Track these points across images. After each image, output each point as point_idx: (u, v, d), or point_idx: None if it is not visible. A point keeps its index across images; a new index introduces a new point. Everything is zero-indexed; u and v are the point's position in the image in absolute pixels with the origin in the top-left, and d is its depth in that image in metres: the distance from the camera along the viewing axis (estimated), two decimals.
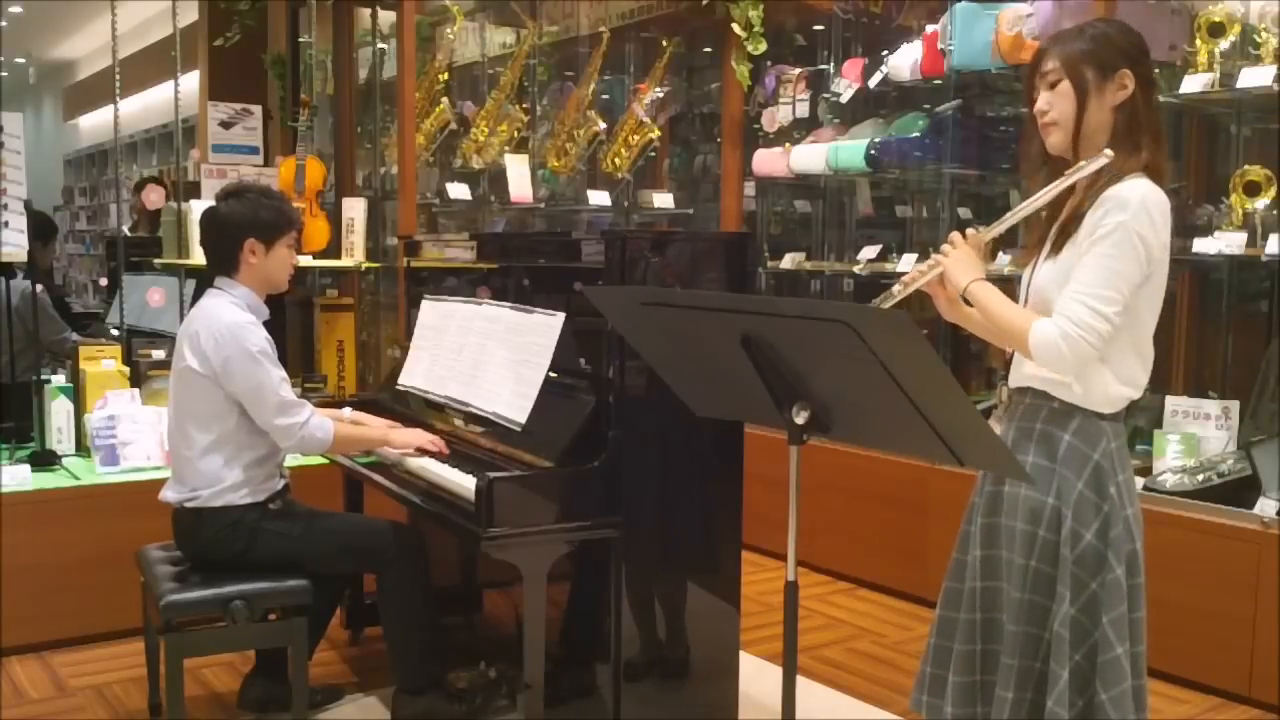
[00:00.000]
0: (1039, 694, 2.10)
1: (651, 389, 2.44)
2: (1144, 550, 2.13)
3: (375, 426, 3.15)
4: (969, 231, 2.18)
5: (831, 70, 5.21)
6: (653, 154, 5.78)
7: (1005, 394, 2.24)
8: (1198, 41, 3.67)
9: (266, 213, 2.95)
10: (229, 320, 2.86)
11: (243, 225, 2.93)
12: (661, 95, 5.75)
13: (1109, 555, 2.06)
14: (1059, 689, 2.03)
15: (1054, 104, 2.12)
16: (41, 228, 5.49)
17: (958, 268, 2.14)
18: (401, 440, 3.04)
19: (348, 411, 3.25)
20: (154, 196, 5.18)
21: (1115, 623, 2.04)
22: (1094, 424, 2.09)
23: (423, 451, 3.01)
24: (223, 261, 2.97)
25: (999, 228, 2.15)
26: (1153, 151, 2.09)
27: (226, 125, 5.15)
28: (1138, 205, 2.01)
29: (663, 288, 2.77)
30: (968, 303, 2.18)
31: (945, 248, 2.18)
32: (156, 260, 4.86)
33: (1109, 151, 2.05)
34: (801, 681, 2.66)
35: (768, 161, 5.24)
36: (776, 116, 5.26)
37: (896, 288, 2.12)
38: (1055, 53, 2.12)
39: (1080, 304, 2.01)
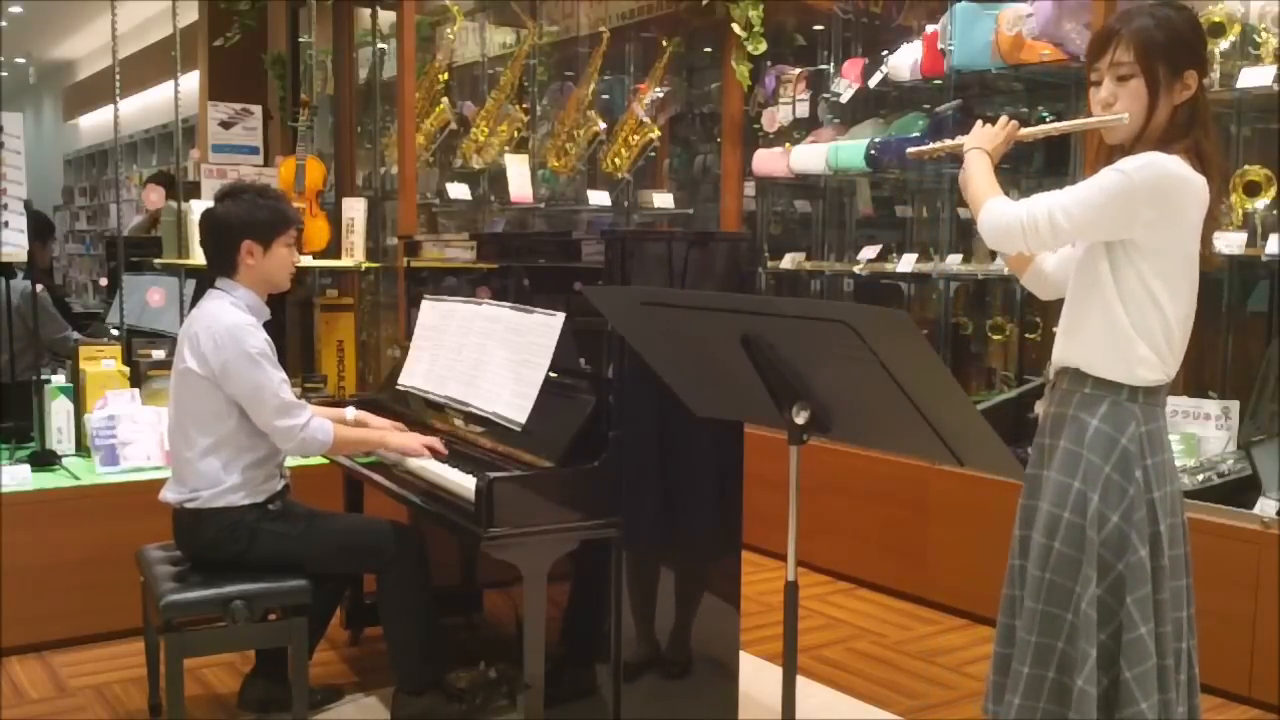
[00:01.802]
0: (1061, 673, 2.13)
1: (651, 389, 2.44)
2: (1182, 526, 2.16)
3: (376, 428, 3.15)
4: (1012, 121, 2.27)
5: (831, 70, 5.21)
6: (653, 154, 5.78)
7: (1051, 372, 2.27)
8: None
9: (263, 213, 2.93)
10: (228, 322, 2.85)
11: (239, 226, 2.91)
12: (661, 95, 5.75)
13: (1132, 537, 2.08)
14: (1088, 668, 2.06)
15: (1120, 99, 2.09)
16: (38, 226, 5.49)
17: (975, 135, 2.27)
18: (398, 444, 3.03)
19: (350, 411, 3.24)
20: (154, 196, 5.16)
21: (1140, 603, 2.07)
22: (1123, 409, 2.11)
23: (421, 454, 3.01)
24: (222, 263, 2.96)
25: (1035, 131, 2.29)
26: (1199, 139, 2.09)
27: (226, 125, 5.14)
28: (1144, 165, 2.01)
29: (663, 288, 2.77)
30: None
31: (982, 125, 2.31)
32: (156, 260, 4.86)
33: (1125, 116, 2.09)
34: (801, 681, 2.67)
35: (768, 161, 5.24)
36: (776, 116, 5.26)
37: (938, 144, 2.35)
38: (1131, 43, 2.06)
39: (1045, 202, 2.07)
